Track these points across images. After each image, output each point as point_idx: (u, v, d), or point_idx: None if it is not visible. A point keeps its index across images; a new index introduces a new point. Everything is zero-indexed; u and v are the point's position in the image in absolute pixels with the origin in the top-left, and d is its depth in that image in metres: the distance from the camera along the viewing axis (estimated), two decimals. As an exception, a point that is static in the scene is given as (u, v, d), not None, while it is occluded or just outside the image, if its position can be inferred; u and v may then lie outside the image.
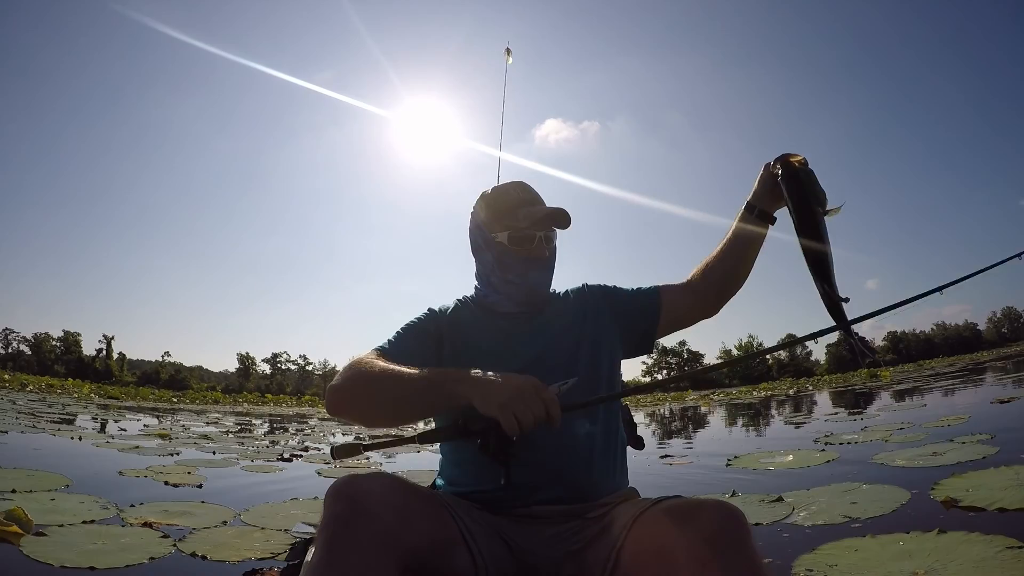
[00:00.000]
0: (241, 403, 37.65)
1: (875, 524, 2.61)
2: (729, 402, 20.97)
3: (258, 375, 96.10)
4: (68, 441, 7.08)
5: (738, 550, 1.00)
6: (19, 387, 26.02)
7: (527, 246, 1.48)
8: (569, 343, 1.48)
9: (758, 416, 12.63)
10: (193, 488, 4.27)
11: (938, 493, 2.91)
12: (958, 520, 2.50)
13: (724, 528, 1.02)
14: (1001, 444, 4.10)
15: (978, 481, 3.06)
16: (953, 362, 33.24)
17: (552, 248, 1.53)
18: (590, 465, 1.37)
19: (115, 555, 2.56)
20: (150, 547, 2.68)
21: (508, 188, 1.56)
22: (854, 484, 3.34)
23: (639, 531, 1.13)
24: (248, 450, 7.29)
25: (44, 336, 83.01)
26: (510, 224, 1.49)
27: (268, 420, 17.30)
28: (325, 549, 1.00)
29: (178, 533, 2.94)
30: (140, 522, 3.09)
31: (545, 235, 1.49)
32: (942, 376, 18.20)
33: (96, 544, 2.70)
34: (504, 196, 1.54)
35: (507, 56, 2.57)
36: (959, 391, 11.58)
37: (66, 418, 11.29)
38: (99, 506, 3.37)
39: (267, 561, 2.64)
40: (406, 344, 1.45)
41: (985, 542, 2.20)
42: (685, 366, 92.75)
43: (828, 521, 2.74)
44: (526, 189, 1.55)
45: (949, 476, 3.21)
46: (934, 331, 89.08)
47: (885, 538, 2.38)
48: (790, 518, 2.88)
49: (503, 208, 1.51)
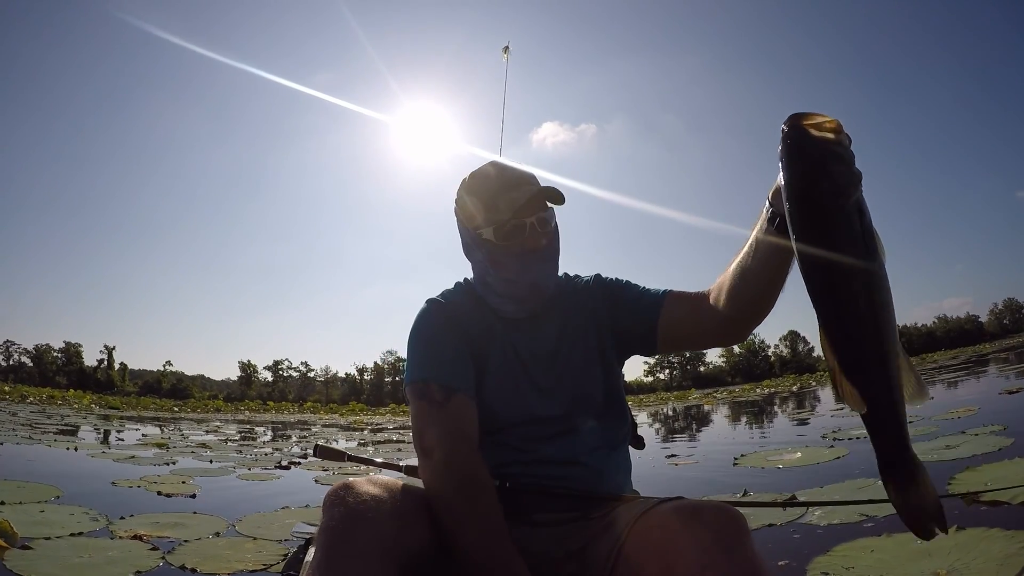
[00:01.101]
0: (243, 411, 37.56)
1: (893, 522, 2.50)
2: (732, 400, 20.87)
3: (260, 383, 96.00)
4: (63, 452, 6.99)
5: (738, 553, 0.99)
6: (19, 399, 25.95)
7: (518, 238, 1.29)
8: (578, 350, 1.39)
9: (762, 414, 12.53)
10: (186, 498, 4.18)
11: (956, 487, 2.82)
12: (981, 516, 2.41)
13: (724, 531, 1.01)
14: (1016, 435, 4.02)
15: (996, 474, 2.97)
16: (956, 355, 33.16)
17: (550, 232, 1.33)
18: (594, 469, 1.32)
19: (99, 569, 2.47)
20: (137, 560, 2.59)
21: (486, 171, 1.36)
22: (869, 480, 3.24)
23: (640, 532, 1.11)
24: (246, 458, 7.20)
25: (45, 347, 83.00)
26: (493, 217, 1.30)
27: (270, 427, 17.22)
28: (324, 554, 0.98)
29: (168, 545, 2.84)
30: (129, 534, 2.99)
31: (538, 219, 1.29)
32: (946, 369, 18.12)
33: (82, 557, 2.62)
34: (483, 183, 1.34)
35: (505, 54, 2.46)
36: (964, 383, 11.50)
37: (64, 429, 11.20)
38: (88, 518, 3.28)
39: (259, 573, 2.55)
40: (465, 372, 1.32)
41: (1007, 538, 2.11)
42: (687, 364, 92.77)
43: (844, 520, 2.63)
44: (503, 169, 1.35)
45: (965, 470, 3.11)
46: (936, 324, 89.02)
47: (902, 536, 2.28)
48: (804, 517, 2.77)
49: (484, 198, 1.32)
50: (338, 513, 1.02)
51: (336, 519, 1.01)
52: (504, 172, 1.34)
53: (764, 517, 2.83)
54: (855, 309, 0.78)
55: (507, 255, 1.31)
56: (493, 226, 1.30)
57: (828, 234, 0.79)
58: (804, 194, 0.81)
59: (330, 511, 1.03)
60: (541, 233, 1.31)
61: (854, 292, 0.78)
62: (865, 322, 0.78)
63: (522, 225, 1.29)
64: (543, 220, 1.31)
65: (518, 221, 1.29)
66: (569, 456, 1.30)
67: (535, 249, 1.31)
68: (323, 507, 1.05)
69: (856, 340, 0.79)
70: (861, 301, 0.78)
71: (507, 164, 1.38)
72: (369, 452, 8.01)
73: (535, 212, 1.30)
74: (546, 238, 1.32)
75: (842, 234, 0.79)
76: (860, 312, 0.78)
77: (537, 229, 1.30)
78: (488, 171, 1.36)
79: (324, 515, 1.03)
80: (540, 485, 1.28)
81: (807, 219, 0.81)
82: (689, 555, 0.99)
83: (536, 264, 1.32)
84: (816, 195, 0.79)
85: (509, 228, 1.29)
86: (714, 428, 10.76)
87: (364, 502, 1.03)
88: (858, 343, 0.79)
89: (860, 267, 0.78)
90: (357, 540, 0.99)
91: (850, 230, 0.79)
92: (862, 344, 0.78)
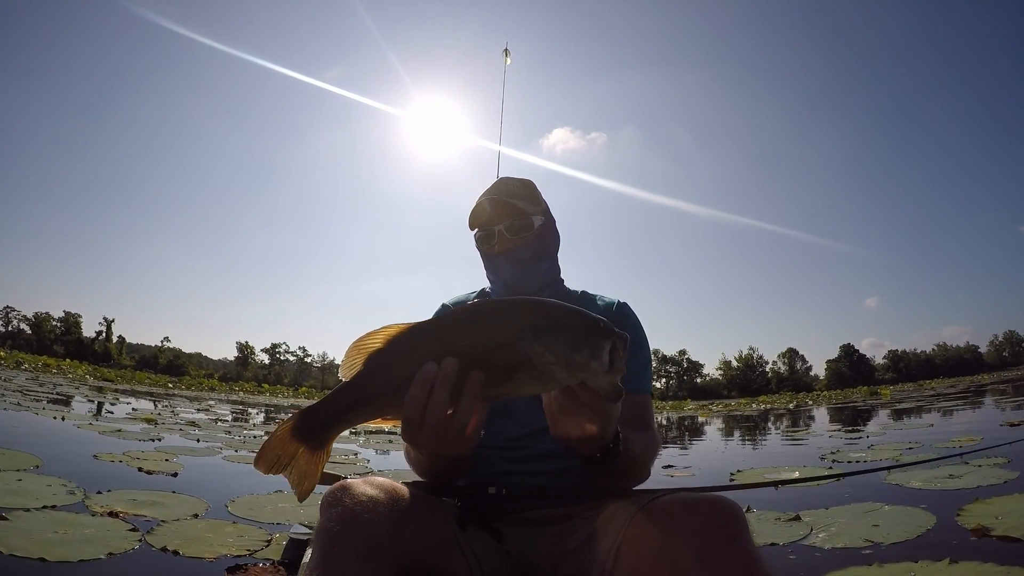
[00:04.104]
0: (237, 392, 37.50)
1: (895, 551, 2.42)
2: (728, 414, 20.74)
3: (256, 364, 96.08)
4: (50, 421, 6.87)
5: (737, 545, 0.99)
6: (14, 365, 25.87)
7: (490, 243, 1.48)
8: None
9: (758, 430, 12.43)
10: (167, 477, 4.07)
11: (966, 520, 2.71)
12: (978, 550, 2.33)
13: (722, 523, 1.01)
14: (1021, 468, 3.91)
15: (1006, 507, 2.86)
16: (954, 383, 33.01)
17: (527, 238, 1.45)
18: (586, 469, 1.29)
19: (72, 547, 2.37)
20: (114, 540, 2.49)
21: (490, 185, 1.53)
22: (876, 505, 3.14)
23: (637, 529, 1.11)
24: (234, 439, 7.11)
25: (45, 316, 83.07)
26: (473, 225, 1.51)
27: (263, 410, 17.13)
28: (321, 555, 0.99)
29: (146, 525, 2.74)
30: (105, 510, 2.89)
31: (507, 226, 1.45)
32: (944, 397, 18.00)
33: (57, 533, 2.51)
34: (481, 197, 1.51)
35: (506, 57, 2.63)
36: (964, 412, 11.39)
37: (56, 399, 11.10)
38: (65, 491, 3.18)
39: (244, 558, 2.47)
40: None
41: (1004, 574, 2.04)
42: (684, 375, 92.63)
43: (849, 544, 2.54)
44: (499, 182, 1.52)
45: (973, 501, 3.01)
46: (935, 351, 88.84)
47: (894, 567, 2.22)
48: (808, 539, 2.68)
49: (474, 209, 1.51)
50: (335, 514, 1.02)
51: (333, 520, 1.01)
52: (495, 185, 1.51)
53: (767, 535, 2.74)
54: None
55: (486, 259, 1.52)
56: (474, 234, 1.52)
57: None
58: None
59: (327, 512, 1.03)
60: (509, 239, 1.46)
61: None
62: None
63: (492, 233, 1.47)
64: (512, 227, 1.46)
65: (487, 230, 1.48)
66: (559, 455, 1.31)
67: (505, 251, 1.46)
68: (320, 508, 1.05)
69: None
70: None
71: (508, 177, 1.54)
72: (360, 442, 7.92)
73: (504, 220, 1.46)
74: (519, 242, 1.46)
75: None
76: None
77: (505, 235, 1.46)
78: (491, 185, 1.53)
79: (321, 516, 1.04)
80: (532, 485, 1.31)
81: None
82: (688, 547, 0.99)
83: (506, 266, 1.46)
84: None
85: (482, 235, 1.50)
86: (709, 441, 10.64)
87: (361, 503, 1.03)
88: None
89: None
90: (354, 541, 0.99)
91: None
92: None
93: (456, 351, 0.90)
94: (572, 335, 0.88)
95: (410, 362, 0.90)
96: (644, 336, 1.48)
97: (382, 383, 0.93)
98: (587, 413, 0.97)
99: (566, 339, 0.88)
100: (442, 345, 0.91)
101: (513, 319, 0.91)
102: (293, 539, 2.41)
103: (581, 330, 0.89)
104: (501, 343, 0.90)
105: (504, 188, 1.50)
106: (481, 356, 0.90)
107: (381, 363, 0.92)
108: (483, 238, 1.49)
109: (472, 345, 0.91)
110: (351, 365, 0.94)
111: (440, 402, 0.91)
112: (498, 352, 0.90)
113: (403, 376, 0.91)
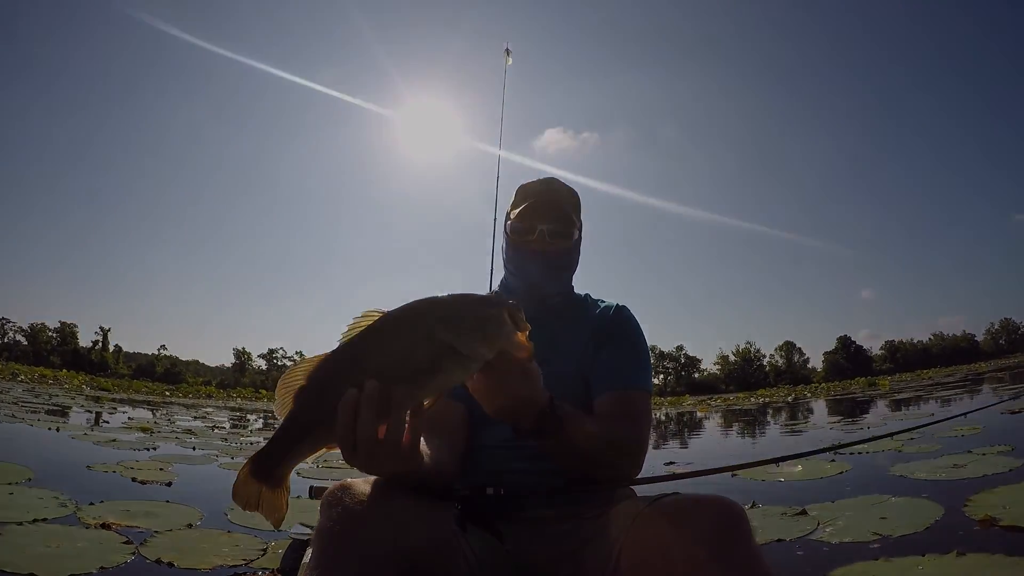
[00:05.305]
0: (235, 398, 37.36)
1: (903, 544, 2.39)
2: (727, 408, 20.74)
3: (254, 370, 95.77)
4: (44, 432, 6.81)
5: (739, 547, 0.98)
6: (10, 377, 25.71)
7: (525, 237, 1.45)
8: (560, 362, 1.38)
9: (757, 423, 12.42)
10: (161, 486, 4.03)
11: (973, 510, 2.68)
12: (986, 541, 2.31)
13: (725, 525, 1.00)
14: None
15: (1012, 496, 2.84)
16: (951, 372, 33.11)
17: (563, 247, 1.46)
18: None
19: (63, 561, 2.31)
20: (107, 553, 2.44)
21: (541, 180, 1.53)
22: (882, 497, 3.11)
23: (639, 531, 1.10)
24: (231, 447, 7.04)
25: (40, 326, 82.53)
26: (516, 212, 1.48)
27: (262, 416, 17.06)
28: (321, 556, 0.98)
29: (139, 536, 2.69)
30: (97, 522, 2.84)
31: (549, 228, 1.44)
32: (942, 386, 18.05)
33: (49, 547, 2.46)
34: (533, 186, 1.51)
35: (507, 57, 2.62)
36: (963, 400, 11.40)
37: (52, 410, 11.01)
38: (57, 503, 3.13)
39: (241, 567, 2.43)
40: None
41: (1012, 565, 2.02)
42: (682, 371, 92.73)
43: (856, 538, 2.51)
44: (551, 183, 1.51)
45: (979, 491, 2.99)
46: (931, 341, 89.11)
47: (901, 561, 2.19)
48: (815, 533, 2.65)
49: (522, 195, 1.49)
50: (335, 514, 1.01)
51: (333, 520, 1.00)
52: (550, 184, 1.51)
53: (773, 531, 2.71)
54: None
55: (514, 249, 1.48)
56: (511, 221, 1.47)
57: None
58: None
59: (327, 512, 1.02)
60: (549, 241, 1.44)
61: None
62: None
63: (532, 228, 1.44)
64: (555, 231, 1.44)
65: (529, 224, 1.44)
66: (563, 463, 1.28)
67: (538, 252, 1.44)
68: (320, 508, 1.04)
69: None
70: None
71: (559, 179, 1.54)
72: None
73: (549, 222, 1.44)
74: (556, 248, 1.45)
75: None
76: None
77: (546, 236, 1.44)
78: (542, 180, 1.53)
79: (321, 516, 1.03)
80: (531, 484, 1.30)
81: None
82: (690, 548, 0.99)
83: (534, 265, 1.45)
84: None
85: (521, 227, 1.45)
86: (709, 436, 10.62)
87: (361, 503, 1.03)
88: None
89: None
90: (355, 541, 0.99)
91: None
92: None
93: (375, 367, 0.93)
94: (476, 312, 0.96)
95: (334, 391, 0.93)
96: (643, 336, 1.50)
97: (312, 417, 0.95)
98: (512, 379, 1.04)
99: (473, 318, 0.95)
100: (360, 366, 0.94)
101: (420, 318, 0.96)
102: (295, 540, 2.37)
103: (480, 306, 0.97)
104: (418, 341, 0.94)
105: (558, 190, 1.50)
106: (402, 362, 0.94)
107: (308, 398, 0.96)
108: (522, 230, 1.46)
109: (390, 356, 0.95)
110: (283, 404, 0.97)
111: (366, 423, 0.91)
112: (418, 350, 0.94)
113: (330, 406, 0.93)
